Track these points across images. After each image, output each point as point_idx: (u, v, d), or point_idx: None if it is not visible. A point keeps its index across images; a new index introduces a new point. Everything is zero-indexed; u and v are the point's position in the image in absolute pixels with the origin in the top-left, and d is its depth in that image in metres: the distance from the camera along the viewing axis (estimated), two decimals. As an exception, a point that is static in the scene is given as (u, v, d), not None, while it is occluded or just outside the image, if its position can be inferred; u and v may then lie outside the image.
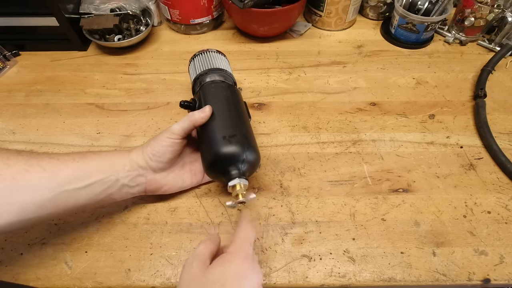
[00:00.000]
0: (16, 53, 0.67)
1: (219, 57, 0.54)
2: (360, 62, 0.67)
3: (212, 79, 0.49)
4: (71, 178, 0.37)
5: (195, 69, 0.53)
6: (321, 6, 0.70)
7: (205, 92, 0.47)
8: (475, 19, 0.66)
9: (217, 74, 0.50)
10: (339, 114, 0.58)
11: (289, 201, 0.48)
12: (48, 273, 0.41)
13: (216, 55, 0.54)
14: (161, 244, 0.44)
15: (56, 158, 0.37)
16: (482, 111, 0.56)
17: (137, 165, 0.41)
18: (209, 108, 0.43)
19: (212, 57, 0.53)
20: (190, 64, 0.55)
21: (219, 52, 0.55)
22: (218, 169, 0.42)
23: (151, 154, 0.42)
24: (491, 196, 0.48)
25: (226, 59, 0.56)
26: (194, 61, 0.54)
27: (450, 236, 0.45)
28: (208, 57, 0.53)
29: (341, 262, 0.42)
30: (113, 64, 0.67)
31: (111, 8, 0.67)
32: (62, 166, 0.37)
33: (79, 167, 0.38)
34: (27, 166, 0.35)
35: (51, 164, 0.37)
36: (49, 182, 0.36)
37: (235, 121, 0.44)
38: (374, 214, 0.47)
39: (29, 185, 0.35)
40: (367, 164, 0.52)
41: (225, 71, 0.51)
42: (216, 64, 0.51)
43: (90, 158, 0.40)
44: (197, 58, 0.54)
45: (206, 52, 0.54)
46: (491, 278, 0.41)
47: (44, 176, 0.35)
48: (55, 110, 0.59)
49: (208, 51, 0.54)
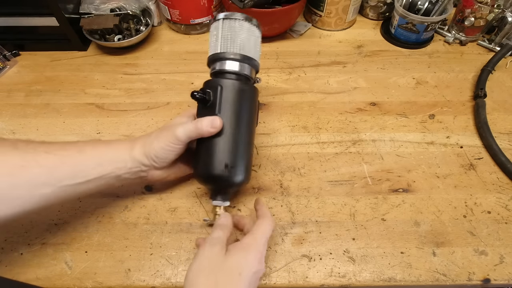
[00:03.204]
0: (16, 53, 0.67)
1: (253, 33, 0.44)
2: (360, 62, 0.67)
3: (236, 73, 0.42)
4: (70, 175, 0.36)
5: (219, 41, 0.43)
6: (321, 6, 0.70)
7: (223, 93, 0.41)
8: (475, 19, 0.66)
9: (245, 66, 0.43)
10: (339, 114, 0.58)
11: (289, 201, 0.48)
12: (48, 273, 0.41)
13: (250, 29, 0.43)
14: (161, 244, 0.44)
15: (53, 153, 0.36)
16: (482, 111, 0.56)
17: (139, 163, 0.40)
18: (220, 123, 0.39)
19: (245, 32, 0.43)
20: (214, 25, 0.44)
21: (253, 24, 0.44)
22: (207, 184, 0.43)
23: (154, 157, 0.40)
24: (491, 196, 0.48)
25: (259, 31, 0.45)
26: (222, 27, 0.43)
27: (450, 236, 0.45)
28: (240, 32, 0.43)
29: (341, 262, 0.42)
30: (113, 64, 0.66)
31: (111, 8, 0.67)
32: (59, 162, 0.36)
33: (77, 164, 0.37)
34: (23, 162, 0.34)
35: (48, 160, 0.36)
36: (46, 178, 0.35)
37: (242, 147, 0.41)
38: (374, 214, 0.47)
39: (27, 180, 0.34)
40: (367, 164, 0.52)
41: (253, 61, 0.44)
42: (246, 49, 0.43)
43: (89, 153, 0.38)
44: (226, 26, 0.43)
45: (238, 21, 0.43)
46: (491, 278, 0.41)
47: (41, 172, 0.35)
48: (55, 110, 0.59)
49: (241, 21, 0.43)
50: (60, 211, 0.46)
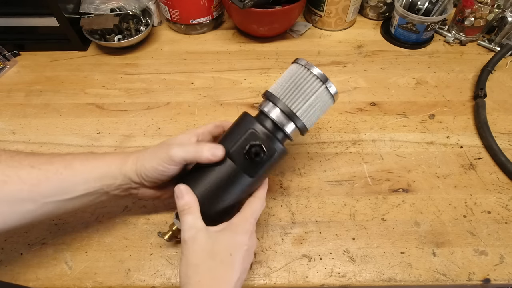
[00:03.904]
0: (16, 53, 0.67)
1: (325, 105, 0.40)
2: (360, 62, 0.67)
3: (281, 129, 0.38)
4: (54, 191, 0.34)
5: (281, 83, 0.39)
6: (321, 6, 0.70)
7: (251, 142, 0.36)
8: (475, 19, 0.66)
9: (292, 127, 0.39)
10: (339, 114, 0.58)
11: (289, 201, 0.48)
12: (48, 273, 0.41)
13: (326, 101, 0.39)
14: (161, 244, 0.44)
15: (38, 167, 0.34)
16: (482, 111, 0.56)
17: (129, 180, 0.38)
18: (222, 153, 0.36)
19: (319, 102, 0.39)
20: (290, 67, 0.40)
21: (326, 87, 0.39)
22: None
23: (145, 176, 0.37)
24: (491, 196, 0.48)
25: (331, 99, 0.40)
26: (291, 72, 0.39)
27: (450, 236, 0.45)
28: (316, 99, 0.38)
29: (341, 262, 0.42)
30: (113, 64, 0.66)
31: (111, 8, 0.67)
32: (43, 178, 0.34)
33: (63, 180, 0.35)
34: (5, 177, 0.33)
35: (31, 175, 0.33)
36: (29, 194, 0.33)
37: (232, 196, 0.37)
38: (374, 214, 0.47)
39: (9, 196, 0.32)
40: (367, 164, 0.52)
41: (305, 128, 0.39)
42: (302, 110, 0.38)
43: (76, 168, 0.36)
44: (294, 71, 0.39)
45: (310, 75, 0.38)
46: (491, 278, 0.41)
47: (23, 188, 0.33)
48: (55, 110, 0.59)
49: (313, 76, 0.38)
50: (60, 211, 0.46)
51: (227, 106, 0.59)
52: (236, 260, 0.34)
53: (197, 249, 0.33)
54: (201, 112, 0.58)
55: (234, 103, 0.59)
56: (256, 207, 0.37)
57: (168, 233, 0.40)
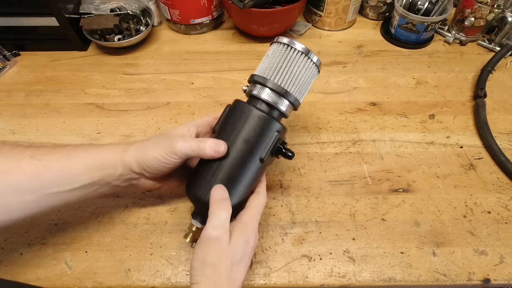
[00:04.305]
0: (16, 53, 0.67)
1: (311, 73, 0.40)
2: (360, 62, 0.67)
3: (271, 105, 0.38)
4: (55, 182, 0.34)
5: (266, 65, 0.39)
6: (321, 6, 0.70)
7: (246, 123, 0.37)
8: (475, 19, 0.66)
9: (284, 102, 0.39)
10: (339, 114, 0.58)
11: (289, 201, 0.48)
12: (48, 273, 0.41)
13: (310, 69, 0.40)
14: (161, 244, 0.44)
15: (38, 158, 0.34)
16: (482, 111, 0.56)
17: (130, 170, 0.38)
18: (224, 149, 0.36)
19: (303, 71, 0.39)
20: (270, 48, 0.41)
21: (310, 59, 0.39)
22: (194, 204, 0.39)
23: (146, 167, 0.37)
24: (491, 196, 0.48)
25: (316, 69, 0.41)
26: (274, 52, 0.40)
27: (450, 236, 0.45)
28: (299, 69, 0.39)
29: (341, 262, 0.42)
30: (113, 64, 0.67)
31: (111, 8, 0.67)
32: (43, 168, 0.34)
33: (64, 170, 0.35)
34: (5, 167, 0.33)
35: (31, 166, 0.33)
36: (30, 185, 0.33)
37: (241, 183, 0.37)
38: (374, 214, 0.47)
39: (10, 186, 0.32)
40: (367, 164, 0.52)
41: (296, 101, 0.40)
42: (291, 85, 0.39)
43: (77, 157, 0.36)
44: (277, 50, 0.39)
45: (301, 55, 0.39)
46: (491, 278, 0.41)
47: (23, 179, 0.33)
48: (55, 110, 0.59)
49: (305, 57, 0.39)
50: (60, 211, 0.46)
51: (227, 106, 0.59)
52: (247, 258, 0.35)
53: (218, 249, 0.33)
54: (201, 112, 0.58)
55: (234, 103, 0.59)
56: (260, 201, 0.38)
57: (189, 235, 0.38)
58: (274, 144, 0.38)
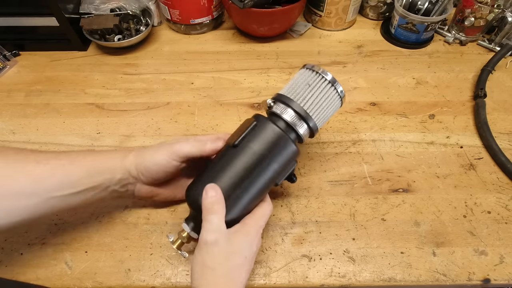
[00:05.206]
0: (16, 53, 0.67)
1: (334, 104, 0.41)
2: (360, 62, 0.67)
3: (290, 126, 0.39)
4: (58, 186, 0.35)
5: (292, 87, 0.40)
6: (321, 6, 0.70)
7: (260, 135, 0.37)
8: (475, 19, 0.66)
9: (304, 126, 0.39)
10: (339, 114, 0.58)
11: (289, 201, 0.48)
12: (48, 273, 0.41)
13: (334, 100, 0.40)
14: (161, 244, 0.44)
15: (43, 163, 0.35)
16: (482, 111, 0.56)
17: (129, 174, 0.39)
18: (222, 142, 0.38)
19: (328, 101, 0.40)
20: (299, 72, 0.42)
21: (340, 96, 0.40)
22: (192, 209, 0.39)
23: (144, 170, 0.38)
24: (491, 196, 0.48)
25: (339, 101, 0.41)
26: (302, 76, 0.40)
27: (450, 236, 0.45)
28: (325, 98, 0.40)
29: (341, 262, 0.42)
30: (113, 64, 0.67)
31: (111, 8, 0.67)
32: (48, 174, 0.35)
33: (67, 174, 0.36)
34: (10, 172, 0.33)
35: (36, 171, 0.34)
36: (34, 189, 0.34)
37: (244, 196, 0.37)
38: (374, 214, 0.47)
39: (14, 190, 0.33)
40: (367, 164, 0.52)
41: (316, 127, 0.40)
42: (314, 111, 0.39)
43: (80, 163, 0.37)
44: (305, 74, 0.40)
45: (330, 87, 0.39)
46: (491, 278, 0.41)
47: (27, 184, 0.34)
48: (55, 110, 0.59)
49: (332, 88, 0.40)
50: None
51: (227, 106, 0.59)
52: (249, 262, 0.35)
53: (216, 253, 0.33)
54: (201, 112, 0.58)
55: (234, 103, 0.59)
56: (267, 209, 0.38)
57: (177, 241, 0.38)
58: (292, 172, 0.40)
